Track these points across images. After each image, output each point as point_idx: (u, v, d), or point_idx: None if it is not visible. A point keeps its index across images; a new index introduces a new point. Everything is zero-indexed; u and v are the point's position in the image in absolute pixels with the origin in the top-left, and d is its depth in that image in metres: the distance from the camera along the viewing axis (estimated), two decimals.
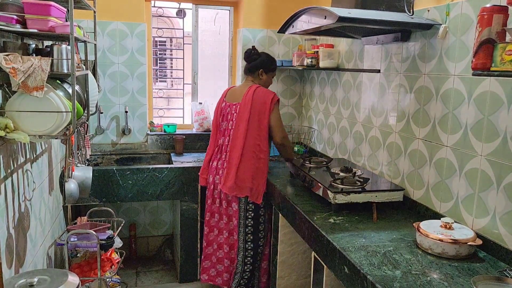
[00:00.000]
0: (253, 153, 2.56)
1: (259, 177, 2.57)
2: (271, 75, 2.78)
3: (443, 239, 1.59)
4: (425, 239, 1.63)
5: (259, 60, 2.71)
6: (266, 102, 2.56)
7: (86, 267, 2.52)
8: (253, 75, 2.73)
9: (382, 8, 2.23)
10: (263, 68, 2.71)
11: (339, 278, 1.69)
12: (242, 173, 2.54)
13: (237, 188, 2.56)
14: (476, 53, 1.33)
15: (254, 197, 2.58)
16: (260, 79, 2.72)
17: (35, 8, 1.58)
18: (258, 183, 2.57)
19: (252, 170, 2.55)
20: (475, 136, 1.72)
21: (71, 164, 2.40)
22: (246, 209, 2.60)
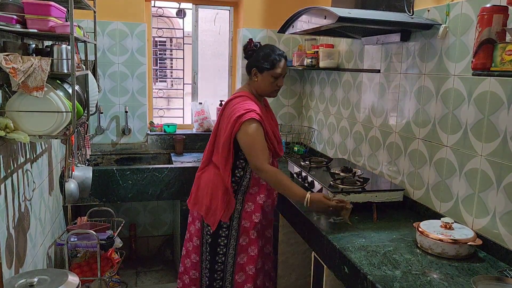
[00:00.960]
0: (215, 169, 2.14)
1: (217, 197, 2.10)
2: (270, 75, 2.11)
3: (443, 239, 1.59)
4: (425, 239, 1.63)
5: (253, 57, 2.16)
6: (230, 119, 2.02)
7: (86, 267, 2.52)
8: (249, 76, 2.20)
9: (382, 8, 2.23)
10: (255, 66, 2.13)
11: (339, 278, 1.69)
12: (203, 187, 2.18)
13: (197, 204, 2.19)
14: (476, 53, 1.33)
15: (209, 220, 2.13)
16: (254, 81, 2.16)
17: (35, 8, 1.58)
18: (215, 204, 2.10)
19: (211, 187, 2.12)
20: (475, 136, 1.72)
21: (71, 164, 2.40)
22: (206, 232, 2.20)
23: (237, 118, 1.99)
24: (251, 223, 2.18)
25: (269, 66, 2.10)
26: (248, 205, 2.18)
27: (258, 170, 2.00)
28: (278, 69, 2.11)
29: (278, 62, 2.10)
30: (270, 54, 2.11)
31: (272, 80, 2.13)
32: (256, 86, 2.16)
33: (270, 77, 2.12)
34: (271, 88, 2.15)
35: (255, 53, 2.14)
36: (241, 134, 2.00)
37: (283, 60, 2.12)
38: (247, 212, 2.18)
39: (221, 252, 2.18)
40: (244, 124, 1.98)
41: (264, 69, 2.11)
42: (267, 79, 2.12)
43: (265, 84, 2.13)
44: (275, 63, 2.10)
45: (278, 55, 2.11)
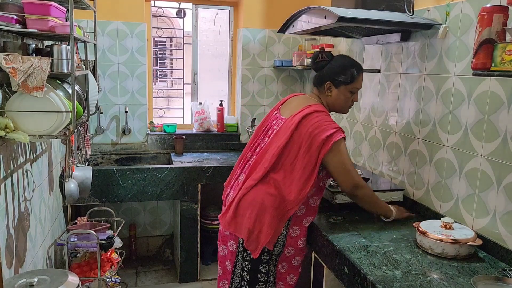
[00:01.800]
0: (268, 188, 1.81)
1: (264, 220, 1.78)
2: (347, 90, 1.88)
3: (443, 239, 1.59)
4: (425, 239, 1.63)
5: (326, 68, 1.90)
6: (316, 138, 1.76)
7: (86, 267, 2.52)
8: (320, 89, 1.94)
9: (382, 8, 2.23)
10: (330, 79, 1.88)
11: (339, 278, 1.69)
12: (246, 206, 1.83)
13: (234, 224, 1.86)
14: (476, 53, 1.33)
15: (251, 246, 1.81)
16: (327, 96, 1.91)
17: (35, 8, 1.58)
18: (259, 228, 1.79)
19: (258, 208, 1.80)
20: (475, 136, 1.72)
21: (71, 164, 2.40)
22: (244, 257, 1.87)
23: (327, 138, 1.75)
24: (296, 250, 1.92)
25: (348, 80, 1.87)
26: (293, 230, 1.89)
27: (356, 187, 1.80)
28: (357, 84, 1.90)
29: (357, 76, 1.89)
30: (348, 67, 1.89)
31: (349, 95, 1.90)
32: (330, 100, 1.92)
33: (348, 92, 1.90)
34: (346, 104, 1.93)
35: (329, 64, 1.91)
36: (332, 155, 1.77)
37: (361, 74, 1.91)
38: (292, 237, 1.89)
39: (261, 279, 1.89)
40: (335, 144, 1.76)
41: (341, 83, 1.88)
42: (344, 94, 1.90)
43: (341, 99, 1.91)
44: (355, 77, 1.88)
45: (357, 68, 1.90)
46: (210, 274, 3.28)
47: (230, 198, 1.92)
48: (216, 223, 3.33)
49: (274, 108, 2.04)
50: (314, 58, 1.93)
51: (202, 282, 3.17)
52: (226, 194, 2.00)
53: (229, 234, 1.91)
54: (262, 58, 3.49)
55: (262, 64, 3.51)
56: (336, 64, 1.90)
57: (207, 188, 3.51)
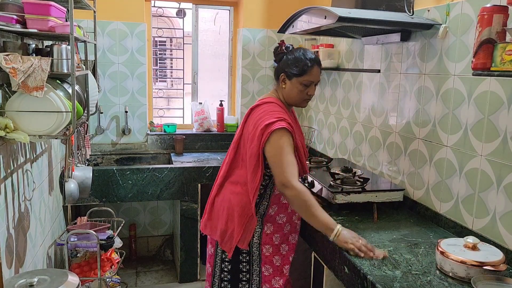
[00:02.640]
0: (233, 186, 1.85)
1: (233, 219, 1.81)
2: (299, 82, 1.83)
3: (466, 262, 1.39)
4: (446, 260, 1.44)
5: (282, 60, 1.89)
6: (258, 128, 1.76)
7: (86, 267, 2.52)
8: (277, 82, 1.94)
9: (382, 8, 2.23)
10: (284, 71, 1.86)
11: (339, 278, 1.69)
12: (218, 208, 1.89)
13: (209, 226, 1.92)
14: (476, 53, 1.33)
15: (225, 246, 1.84)
16: (282, 88, 1.89)
17: (35, 8, 1.58)
18: (232, 228, 1.81)
19: (227, 207, 1.84)
20: (475, 136, 1.72)
21: (71, 164, 2.40)
22: (222, 258, 1.89)
23: (265, 127, 1.72)
24: (273, 246, 1.89)
25: (298, 72, 1.82)
26: (267, 226, 1.88)
27: (284, 186, 1.68)
28: (309, 76, 1.83)
29: (309, 68, 1.82)
30: (301, 59, 1.83)
31: (301, 88, 1.85)
32: (285, 93, 1.89)
33: (300, 84, 1.84)
34: (300, 97, 1.88)
35: (285, 56, 1.87)
36: (269, 145, 1.72)
37: (315, 66, 1.84)
38: (267, 234, 1.88)
39: (244, 278, 1.88)
40: (274, 133, 1.71)
41: (293, 75, 1.83)
42: (296, 86, 1.84)
43: (294, 92, 1.86)
44: (306, 69, 1.82)
45: (310, 60, 1.83)
46: None
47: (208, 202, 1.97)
48: None
49: None
50: (275, 50, 1.94)
51: (202, 282, 3.17)
52: None
53: (209, 237, 1.95)
54: (262, 58, 3.49)
55: (262, 64, 3.51)
56: (290, 56, 1.85)
57: (207, 188, 3.50)
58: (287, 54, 1.87)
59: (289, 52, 1.88)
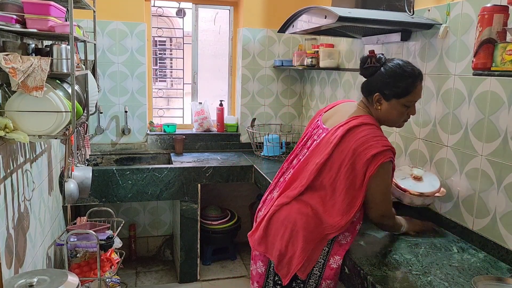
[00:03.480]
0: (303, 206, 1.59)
1: (295, 243, 1.56)
2: (400, 104, 1.57)
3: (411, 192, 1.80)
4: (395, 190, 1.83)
5: (375, 76, 1.58)
6: (360, 158, 1.49)
7: (86, 267, 2.52)
8: (368, 100, 1.64)
9: (383, 7, 2.23)
10: (379, 91, 1.57)
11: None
12: (278, 225, 1.61)
13: (265, 244, 1.65)
14: (477, 53, 1.33)
15: (281, 270, 1.60)
16: (377, 109, 1.61)
17: (35, 7, 1.58)
18: (293, 252, 1.56)
19: (291, 229, 1.57)
20: (475, 136, 1.72)
21: (70, 164, 2.39)
22: (275, 280, 1.65)
23: (373, 158, 1.47)
24: (335, 282, 1.64)
25: (399, 93, 1.54)
26: (334, 260, 1.60)
27: (385, 217, 1.61)
28: (412, 96, 1.56)
29: (413, 87, 1.55)
30: (401, 76, 1.53)
31: (402, 110, 1.57)
32: (379, 114, 1.61)
33: (401, 106, 1.57)
34: (400, 119, 1.61)
35: (379, 70, 1.57)
36: (375, 179, 1.50)
37: (418, 83, 1.57)
38: (332, 269, 1.60)
39: None
40: (381, 167, 1.48)
41: (393, 96, 1.55)
42: (396, 108, 1.57)
43: (393, 114, 1.58)
44: (410, 89, 1.54)
45: (413, 77, 1.55)
46: (210, 274, 3.28)
47: (262, 214, 1.72)
48: (216, 223, 3.33)
49: (317, 113, 1.79)
50: (363, 62, 1.61)
51: (202, 282, 3.17)
52: (258, 209, 1.80)
53: (259, 254, 1.71)
54: (262, 58, 3.49)
55: (262, 64, 3.50)
56: (386, 72, 1.55)
57: (207, 188, 3.52)
58: (382, 68, 1.57)
59: (384, 65, 1.57)
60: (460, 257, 1.61)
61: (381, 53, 1.62)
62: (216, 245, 3.43)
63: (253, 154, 3.42)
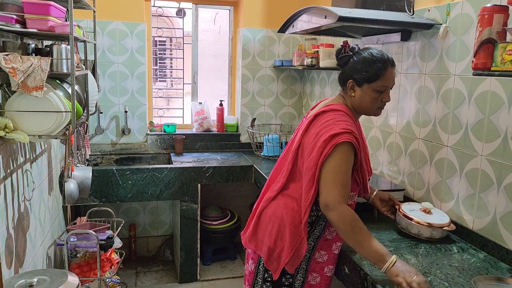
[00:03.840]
0: (288, 201, 1.61)
1: (283, 238, 1.58)
2: (372, 89, 1.58)
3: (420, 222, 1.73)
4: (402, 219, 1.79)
5: (348, 65, 1.62)
6: (320, 137, 1.51)
7: (86, 267, 2.52)
8: (344, 89, 1.67)
9: (383, 7, 2.23)
10: (352, 77, 1.60)
11: (339, 278, 1.69)
12: (266, 221, 1.65)
13: (255, 241, 1.69)
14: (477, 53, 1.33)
15: (272, 265, 1.62)
16: (351, 96, 1.63)
17: (35, 7, 1.58)
18: (282, 246, 1.58)
19: (278, 224, 1.60)
20: (475, 136, 1.72)
21: (70, 164, 2.39)
22: (264, 277, 1.67)
23: (330, 138, 1.48)
24: (322, 278, 1.67)
25: (370, 77, 1.56)
26: (320, 254, 1.65)
27: (328, 208, 1.47)
28: (383, 81, 1.57)
29: (383, 71, 1.56)
30: (371, 60, 1.56)
31: (375, 95, 1.58)
32: (354, 102, 1.63)
33: (373, 91, 1.58)
34: (374, 105, 1.61)
35: (351, 58, 1.61)
36: (330, 159, 1.48)
37: (389, 68, 1.57)
38: (318, 263, 1.65)
39: None
40: (337, 147, 1.47)
41: (364, 81, 1.57)
42: (369, 94, 1.58)
43: (366, 100, 1.60)
44: (379, 73, 1.55)
45: (383, 62, 1.56)
46: (210, 274, 3.28)
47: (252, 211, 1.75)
48: (216, 223, 3.33)
49: (307, 112, 1.82)
50: (338, 53, 1.66)
51: (202, 282, 3.17)
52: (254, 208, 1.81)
53: (250, 252, 1.74)
54: (262, 58, 3.49)
55: (262, 64, 3.50)
56: (358, 59, 1.59)
57: (207, 188, 3.52)
58: (353, 56, 1.61)
59: (356, 54, 1.61)
60: (460, 257, 1.61)
61: (356, 44, 1.66)
62: (216, 245, 3.43)
63: (253, 154, 3.42)
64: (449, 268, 1.51)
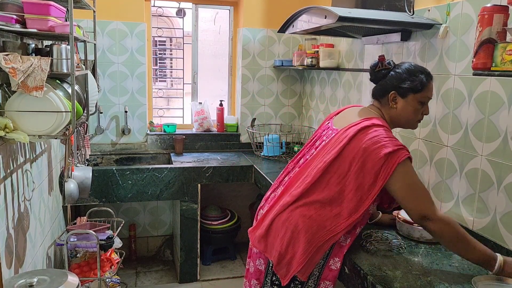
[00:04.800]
0: (307, 209, 1.56)
1: (298, 246, 1.53)
2: (417, 100, 1.59)
3: None
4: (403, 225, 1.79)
5: (389, 76, 1.62)
6: (372, 158, 1.48)
7: (86, 267, 2.52)
8: (381, 101, 1.66)
9: (383, 7, 2.23)
10: (395, 88, 1.60)
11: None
12: (279, 226, 1.60)
13: (264, 243, 1.64)
14: (477, 53, 1.33)
15: (280, 271, 1.58)
16: (391, 108, 1.63)
17: (35, 7, 1.58)
18: (292, 254, 1.55)
19: (292, 230, 1.55)
20: (475, 136, 1.72)
21: (70, 164, 2.39)
22: (272, 280, 1.65)
23: (386, 158, 1.45)
24: (334, 284, 1.64)
25: (417, 87, 1.57)
26: (334, 261, 1.60)
27: (426, 219, 1.44)
28: (427, 92, 1.60)
29: (427, 81, 1.58)
30: (416, 72, 1.58)
31: (418, 107, 1.59)
32: (395, 114, 1.62)
33: (417, 102, 1.59)
34: (415, 117, 1.62)
35: (393, 71, 1.62)
36: (395, 179, 1.47)
37: (431, 80, 1.62)
38: (331, 270, 1.61)
39: None
40: (400, 166, 1.46)
41: (409, 91, 1.57)
42: (412, 105, 1.59)
43: (409, 111, 1.60)
44: (424, 83, 1.57)
45: (426, 74, 1.59)
46: (210, 274, 3.28)
47: (263, 212, 1.71)
48: (216, 223, 3.33)
49: (328, 117, 1.80)
50: (374, 67, 1.66)
51: (202, 282, 3.17)
52: (260, 207, 1.79)
53: (258, 252, 1.71)
54: (262, 58, 3.49)
55: (262, 64, 3.50)
56: (401, 70, 1.60)
57: (207, 188, 3.52)
58: (394, 69, 1.62)
59: (396, 67, 1.63)
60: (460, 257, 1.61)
61: (391, 60, 1.67)
62: (216, 245, 3.43)
63: (253, 154, 3.42)
64: (449, 268, 1.51)
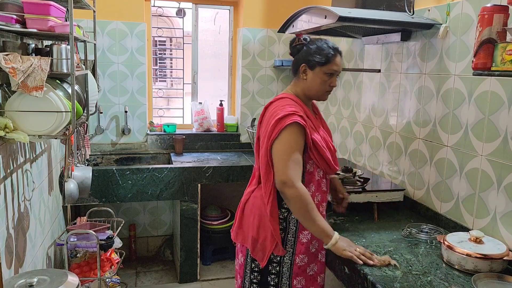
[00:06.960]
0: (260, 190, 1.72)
1: (265, 227, 1.67)
2: (323, 72, 1.71)
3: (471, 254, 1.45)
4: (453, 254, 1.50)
5: (302, 51, 1.76)
6: (269, 125, 1.64)
7: (86, 267, 2.52)
8: (296, 76, 1.80)
9: (383, 7, 2.23)
10: (305, 61, 1.73)
11: (339, 278, 1.69)
12: (248, 215, 1.76)
13: (241, 234, 1.78)
14: (477, 52, 1.33)
15: (257, 254, 1.70)
16: (303, 80, 1.75)
17: (35, 7, 1.58)
18: (264, 236, 1.67)
19: (258, 214, 1.70)
20: (475, 136, 1.72)
21: (70, 164, 2.39)
22: (252, 268, 1.74)
23: (276, 122, 1.60)
24: (309, 256, 1.73)
25: (322, 61, 1.70)
26: (303, 235, 1.70)
27: (284, 184, 1.56)
28: (333, 65, 1.71)
29: (333, 56, 1.71)
30: (324, 48, 1.72)
31: (325, 78, 1.72)
32: (305, 85, 1.75)
33: (323, 74, 1.71)
34: (322, 88, 1.75)
35: (305, 46, 1.75)
36: (278, 141, 1.60)
37: (338, 55, 1.74)
38: (303, 243, 1.70)
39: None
40: (285, 129, 1.59)
41: (317, 64, 1.70)
42: (320, 76, 1.72)
43: (317, 82, 1.73)
44: (330, 57, 1.70)
45: (334, 49, 1.73)
46: (210, 274, 3.28)
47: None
48: (216, 223, 3.33)
49: None
50: (291, 42, 1.81)
51: (202, 282, 3.17)
52: None
53: (239, 246, 1.81)
54: (262, 57, 3.49)
55: (262, 64, 3.50)
56: (311, 45, 1.74)
57: (207, 188, 3.52)
58: (307, 45, 1.75)
59: (310, 43, 1.76)
60: None
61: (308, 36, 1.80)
62: (216, 245, 3.43)
63: (253, 154, 3.41)
64: (449, 268, 1.51)
